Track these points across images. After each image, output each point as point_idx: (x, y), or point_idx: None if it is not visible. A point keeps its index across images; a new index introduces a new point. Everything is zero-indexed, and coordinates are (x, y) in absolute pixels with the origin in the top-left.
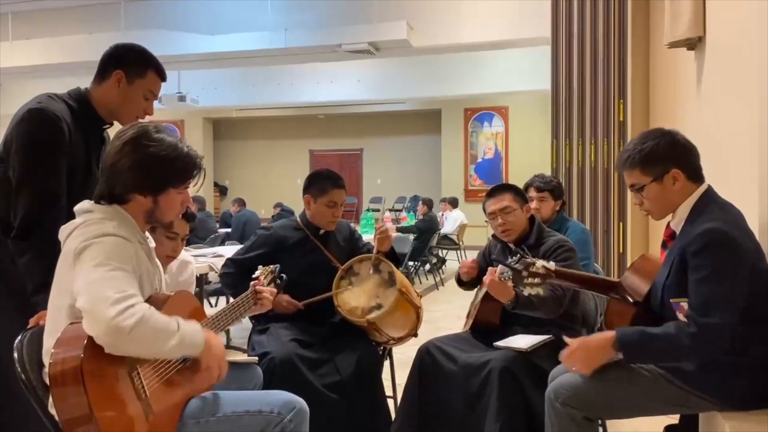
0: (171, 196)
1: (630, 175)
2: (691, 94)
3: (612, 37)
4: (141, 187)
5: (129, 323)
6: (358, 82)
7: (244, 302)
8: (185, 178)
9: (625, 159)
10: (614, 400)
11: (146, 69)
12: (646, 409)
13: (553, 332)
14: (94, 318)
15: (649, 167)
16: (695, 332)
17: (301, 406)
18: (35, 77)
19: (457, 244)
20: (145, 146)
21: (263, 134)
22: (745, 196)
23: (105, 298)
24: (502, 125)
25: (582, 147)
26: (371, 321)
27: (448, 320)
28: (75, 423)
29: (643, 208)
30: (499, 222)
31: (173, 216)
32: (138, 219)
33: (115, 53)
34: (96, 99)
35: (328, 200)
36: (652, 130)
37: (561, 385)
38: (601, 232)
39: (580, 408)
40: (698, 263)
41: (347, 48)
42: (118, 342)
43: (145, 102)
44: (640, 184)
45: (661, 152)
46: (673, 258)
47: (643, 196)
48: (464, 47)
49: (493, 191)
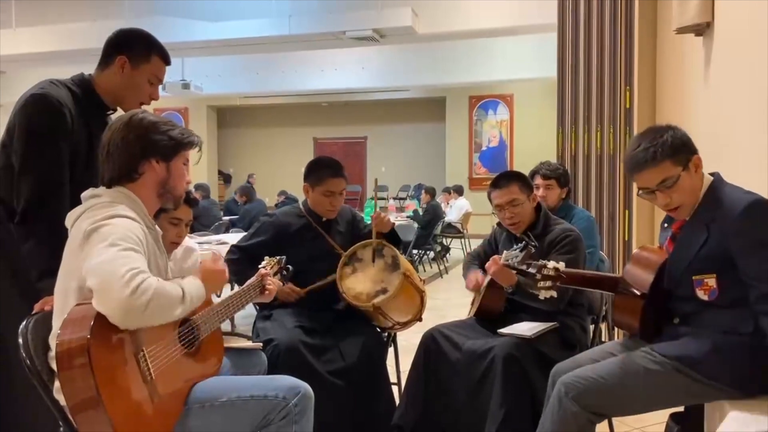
0: (179, 164)
1: (659, 170)
2: (698, 80)
3: (619, 23)
4: (154, 151)
5: (143, 300)
6: (362, 69)
7: (250, 290)
8: (190, 143)
9: (652, 154)
10: (629, 395)
11: (150, 54)
12: (661, 403)
13: (558, 319)
14: (108, 297)
15: (679, 156)
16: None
17: (305, 391)
18: (39, 65)
19: (461, 232)
20: (142, 119)
21: (267, 122)
22: (753, 182)
23: (118, 277)
24: (507, 113)
25: (588, 134)
26: (377, 305)
27: (452, 308)
28: (82, 406)
29: (673, 204)
30: (507, 215)
31: (182, 188)
32: (148, 198)
33: (118, 38)
34: (100, 85)
35: (325, 189)
36: (653, 127)
37: (575, 379)
38: (606, 219)
39: (592, 403)
40: (747, 228)
41: (351, 35)
42: (131, 319)
43: (150, 87)
44: (673, 177)
45: (683, 140)
46: (702, 234)
47: (673, 189)
48: (469, 34)
49: (499, 181)
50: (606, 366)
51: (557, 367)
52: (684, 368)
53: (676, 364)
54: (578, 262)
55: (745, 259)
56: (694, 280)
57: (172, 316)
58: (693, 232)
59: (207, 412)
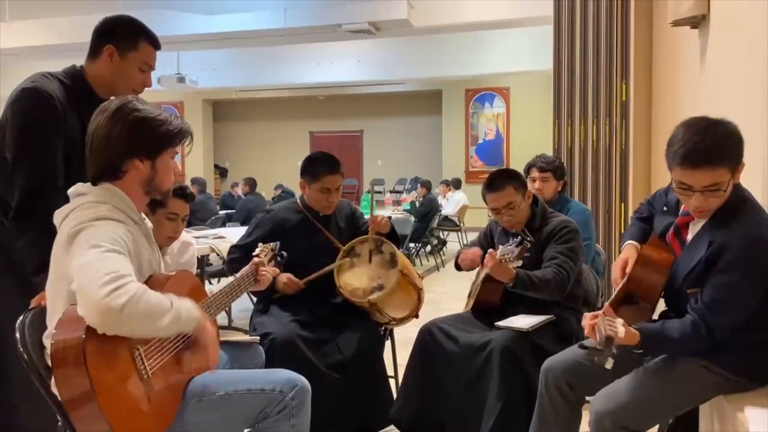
0: (166, 160)
1: (715, 174)
2: (694, 73)
3: (615, 16)
4: (138, 150)
5: (119, 302)
6: (358, 62)
7: (244, 280)
8: (178, 138)
9: (717, 154)
10: (664, 403)
11: (137, 40)
12: (695, 402)
13: (555, 312)
14: (85, 299)
15: (738, 160)
16: (705, 333)
17: (303, 384)
18: (33, 59)
19: (458, 225)
20: (132, 111)
21: (263, 116)
22: (749, 176)
23: (95, 278)
24: (504, 106)
25: (584, 127)
26: (373, 302)
27: (449, 301)
28: (77, 403)
29: (705, 208)
30: (505, 219)
31: (170, 183)
32: (135, 194)
33: (104, 27)
34: (91, 76)
35: (321, 186)
36: (715, 121)
37: (611, 408)
38: (602, 212)
39: (632, 425)
40: (732, 268)
41: (347, 28)
42: (109, 322)
43: (141, 74)
44: (724, 183)
45: (741, 143)
46: (701, 251)
47: (715, 195)
48: (465, 27)
49: (493, 183)
50: (633, 382)
51: (548, 361)
52: (717, 368)
53: (704, 363)
54: (577, 252)
55: (716, 274)
56: (689, 293)
57: (160, 324)
58: (697, 246)
59: (204, 407)
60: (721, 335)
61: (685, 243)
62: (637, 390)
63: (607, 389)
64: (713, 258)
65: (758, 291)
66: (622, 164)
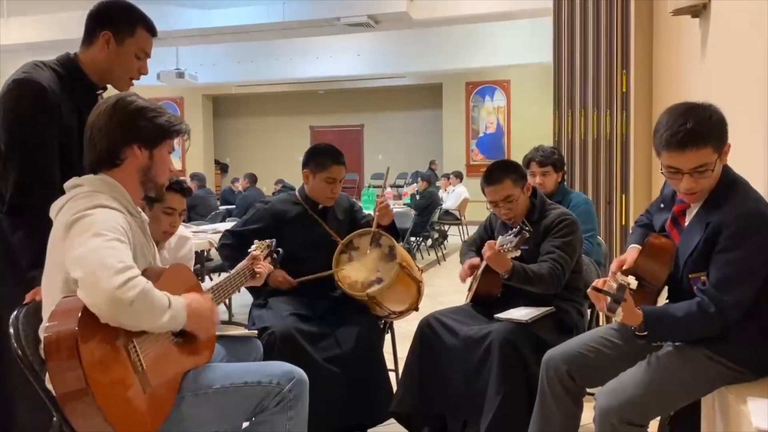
0: (163, 153)
1: (700, 155)
2: (695, 63)
3: (614, 6)
4: (137, 137)
5: (131, 295)
6: (357, 56)
7: (240, 275)
8: (175, 131)
9: (699, 135)
10: (669, 395)
11: (134, 27)
12: (700, 393)
13: (555, 304)
14: (96, 287)
15: (720, 142)
16: (714, 312)
17: (300, 377)
18: (32, 55)
19: (458, 219)
20: (131, 102)
21: (263, 111)
22: (751, 165)
23: (107, 267)
24: (504, 99)
25: (584, 118)
26: (371, 295)
27: (449, 295)
28: (71, 396)
29: (696, 190)
30: (503, 212)
31: (165, 176)
32: (131, 185)
33: (99, 12)
34: (86, 63)
35: (327, 176)
36: (695, 105)
37: (617, 404)
38: (603, 203)
39: (637, 416)
40: (732, 244)
41: (346, 21)
42: (116, 312)
43: (137, 62)
44: (710, 163)
45: (724, 123)
46: (699, 234)
47: (704, 176)
48: (465, 19)
49: (491, 177)
50: (637, 376)
51: (550, 353)
52: (715, 356)
53: (707, 352)
54: (574, 246)
55: (718, 253)
56: (692, 278)
57: (158, 322)
58: (694, 230)
59: (201, 400)
60: (733, 315)
61: (683, 230)
62: (642, 384)
63: (611, 384)
64: (712, 238)
65: (761, 266)
66: (623, 155)
